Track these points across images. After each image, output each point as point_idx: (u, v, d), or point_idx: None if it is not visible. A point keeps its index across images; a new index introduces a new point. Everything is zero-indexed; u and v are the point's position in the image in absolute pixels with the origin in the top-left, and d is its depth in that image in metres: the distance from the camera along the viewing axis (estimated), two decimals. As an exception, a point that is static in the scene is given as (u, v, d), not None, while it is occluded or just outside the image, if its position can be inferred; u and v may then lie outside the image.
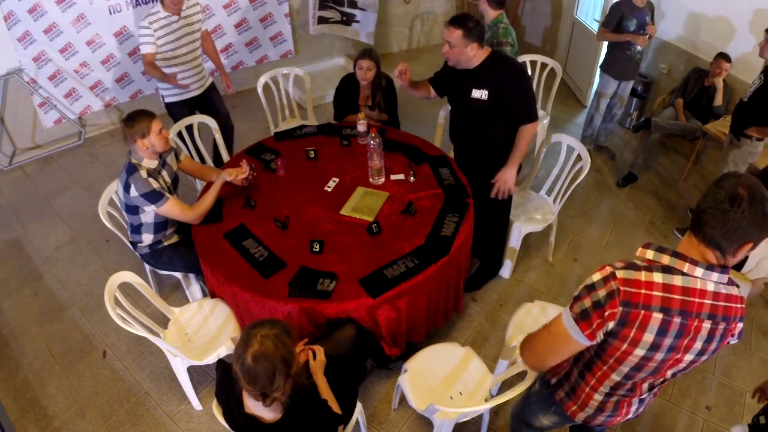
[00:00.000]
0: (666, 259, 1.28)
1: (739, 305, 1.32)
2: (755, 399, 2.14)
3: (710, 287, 1.27)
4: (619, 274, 1.27)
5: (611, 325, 1.28)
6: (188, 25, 3.31)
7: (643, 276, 1.26)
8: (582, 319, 1.30)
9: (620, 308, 1.25)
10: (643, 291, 1.25)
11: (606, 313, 1.26)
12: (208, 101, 3.62)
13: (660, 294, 1.25)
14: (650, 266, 1.28)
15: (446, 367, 2.26)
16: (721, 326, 1.31)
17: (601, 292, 1.27)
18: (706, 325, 1.29)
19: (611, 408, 1.58)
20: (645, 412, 2.58)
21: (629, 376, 1.42)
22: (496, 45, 3.11)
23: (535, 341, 1.49)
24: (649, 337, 1.28)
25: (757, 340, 2.98)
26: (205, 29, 3.54)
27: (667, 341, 1.29)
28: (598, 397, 1.54)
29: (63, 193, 4.10)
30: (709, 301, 1.27)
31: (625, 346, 1.32)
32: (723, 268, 1.27)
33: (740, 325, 1.34)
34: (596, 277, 1.30)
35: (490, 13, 3.23)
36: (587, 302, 1.29)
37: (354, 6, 5.23)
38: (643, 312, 1.25)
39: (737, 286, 1.33)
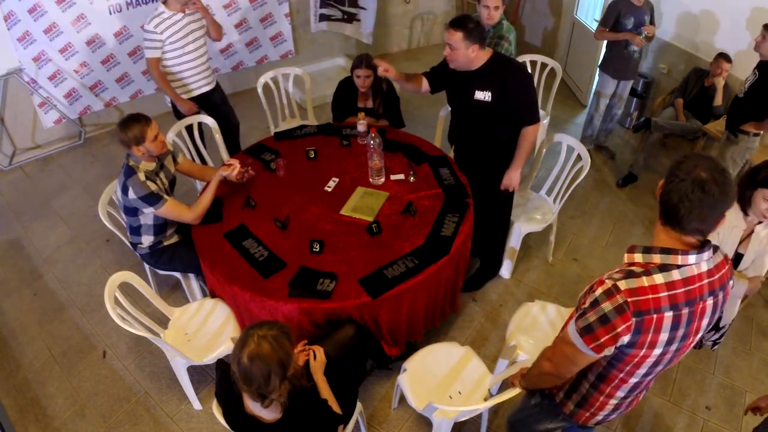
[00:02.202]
0: (657, 258, 1.28)
1: (726, 268, 1.36)
2: (757, 415, 2.08)
3: (704, 267, 1.30)
4: (622, 285, 1.25)
5: (626, 338, 1.28)
6: (193, 22, 3.28)
7: (645, 281, 1.26)
8: (585, 333, 1.30)
9: (633, 319, 1.25)
10: (650, 296, 1.25)
11: (619, 328, 1.26)
12: (212, 101, 3.61)
13: (666, 294, 1.26)
14: (647, 269, 1.28)
15: (445, 366, 2.26)
16: (720, 295, 1.35)
17: (606, 306, 1.26)
18: (710, 302, 1.33)
19: (625, 406, 1.59)
20: (645, 412, 2.60)
21: (647, 374, 1.44)
22: (497, 38, 3.11)
23: (553, 351, 1.50)
24: (664, 336, 1.30)
25: (757, 340, 2.98)
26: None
27: (680, 332, 1.32)
28: (613, 402, 1.54)
29: (63, 193, 4.10)
30: (706, 280, 1.30)
31: (643, 351, 1.33)
32: (707, 245, 1.29)
33: (731, 282, 1.39)
34: (598, 291, 1.29)
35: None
36: (591, 317, 1.28)
37: (355, 5, 5.23)
38: (655, 316, 1.26)
39: (716, 248, 1.35)
